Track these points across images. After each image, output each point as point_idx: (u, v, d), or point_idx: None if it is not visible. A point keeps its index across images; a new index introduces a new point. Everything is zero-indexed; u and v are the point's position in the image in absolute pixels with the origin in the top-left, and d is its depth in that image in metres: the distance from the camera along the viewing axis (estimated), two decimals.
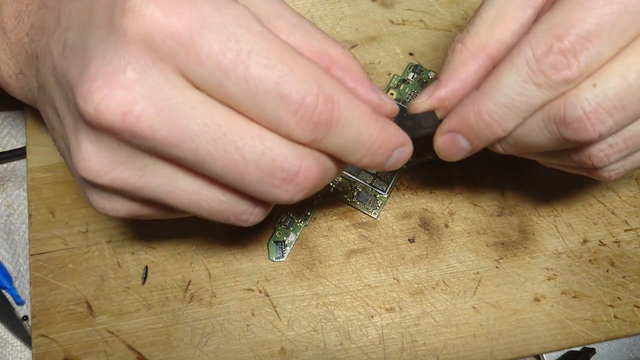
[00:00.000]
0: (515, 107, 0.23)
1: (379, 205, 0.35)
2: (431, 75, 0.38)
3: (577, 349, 0.35)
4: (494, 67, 0.26)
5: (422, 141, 0.27)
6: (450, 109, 0.26)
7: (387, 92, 0.37)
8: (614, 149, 0.24)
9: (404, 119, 0.26)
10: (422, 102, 0.27)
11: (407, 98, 0.37)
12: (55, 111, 0.24)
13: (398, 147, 0.23)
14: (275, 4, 0.22)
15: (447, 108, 0.27)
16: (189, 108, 0.20)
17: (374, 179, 0.35)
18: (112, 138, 0.21)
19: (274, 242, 0.34)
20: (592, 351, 0.35)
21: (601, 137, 0.23)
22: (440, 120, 0.27)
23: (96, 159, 0.21)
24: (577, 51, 0.21)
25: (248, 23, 0.20)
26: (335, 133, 0.21)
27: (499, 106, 0.24)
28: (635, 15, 0.21)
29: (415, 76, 0.38)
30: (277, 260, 0.34)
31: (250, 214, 0.24)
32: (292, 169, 0.21)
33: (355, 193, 0.35)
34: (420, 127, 0.27)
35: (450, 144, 0.26)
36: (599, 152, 0.24)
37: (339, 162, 0.23)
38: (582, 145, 0.24)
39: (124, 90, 0.19)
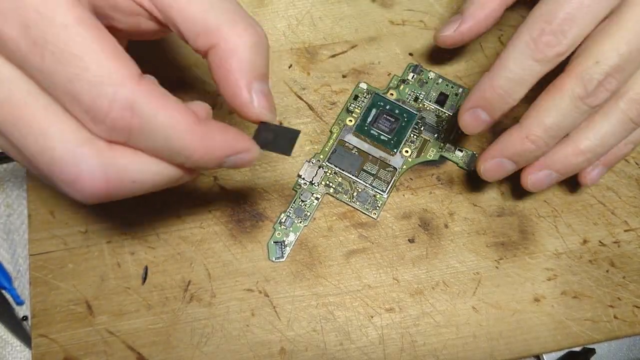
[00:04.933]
0: (521, 79, 0.28)
1: (379, 205, 0.35)
2: (431, 75, 0.38)
3: (577, 349, 0.35)
4: (506, 8, 0.32)
5: (421, 141, 0.27)
6: (465, 43, 0.34)
7: (387, 92, 0.37)
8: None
9: (266, 128, 0.25)
10: (449, 36, 0.33)
11: (407, 98, 0.37)
12: None
13: (231, 154, 0.23)
14: None
15: (466, 42, 0.33)
16: None
17: (373, 179, 0.35)
18: None
19: (273, 242, 0.34)
20: (592, 352, 0.35)
21: (611, 95, 0.28)
22: (291, 147, 0.26)
23: None
24: (564, 31, 0.27)
25: (52, 11, 0.19)
26: (139, 138, 0.21)
27: (508, 80, 0.28)
28: None
29: (415, 76, 0.38)
30: (276, 260, 0.34)
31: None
32: (69, 175, 0.20)
33: (355, 193, 0.35)
34: (276, 144, 0.26)
35: (473, 118, 0.31)
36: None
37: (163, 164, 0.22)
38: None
39: None
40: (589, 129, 0.30)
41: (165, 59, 0.37)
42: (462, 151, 0.36)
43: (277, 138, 0.25)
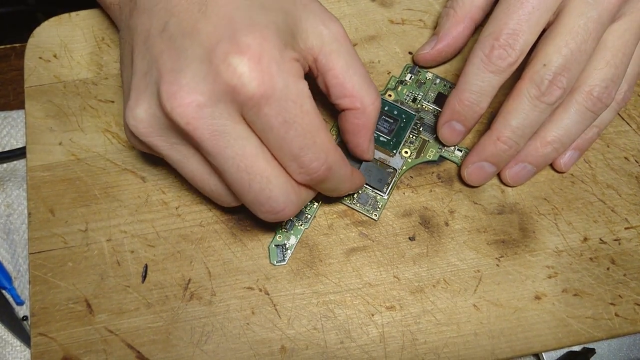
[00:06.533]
0: (483, 90, 0.32)
1: (380, 206, 0.35)
2: (428, 75, 0.38)
3: (577, 348, 0.35)
4: (475, 27, 0.37)
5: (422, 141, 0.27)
6: (444, 60, 0.37)
7: (385, 93, 0.37)
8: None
9: (371, 168, 0.35)
10: (427, 53, 0.37)
11: (405, 99, 0.37)
12: (130, 57, 0.29)
13: (357, 190, 0.33)
14: (340, 43, 0.29)
15: (444, 58, 0.37)
16: (233, 138, 0.26)
17: None
18: (167, 120, 0.26)
19: (274, 245, 0.34)
20: (592, 351, 0.35)
21: (565, 92, 0.31)
22: (388, 187, 0.35)
23: (143, 124, 0.27)
24: (511, 44, 0.31)
25: (302, 101, 0.26)
26: (324, 185, 0.29)
27: (472, 93, 0.32)
28: (541, 11, 0.31)
29: (412, 77, 0.38)
30: (278, 264, 0.34)
31: (228, 204, 0.31)
32: (277, 208, 0.28)
33: (355, 195, 0.35)
34: (377, 181, 0.35)
35: (450, 130, 0.35)
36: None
37: (315, 192, 0.31)
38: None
39: (197, 107, 0.25)
40: (552, 122, 0.33)
41: None
42: (461, 151, 0.36)
43: (377, 176, 0.35)
